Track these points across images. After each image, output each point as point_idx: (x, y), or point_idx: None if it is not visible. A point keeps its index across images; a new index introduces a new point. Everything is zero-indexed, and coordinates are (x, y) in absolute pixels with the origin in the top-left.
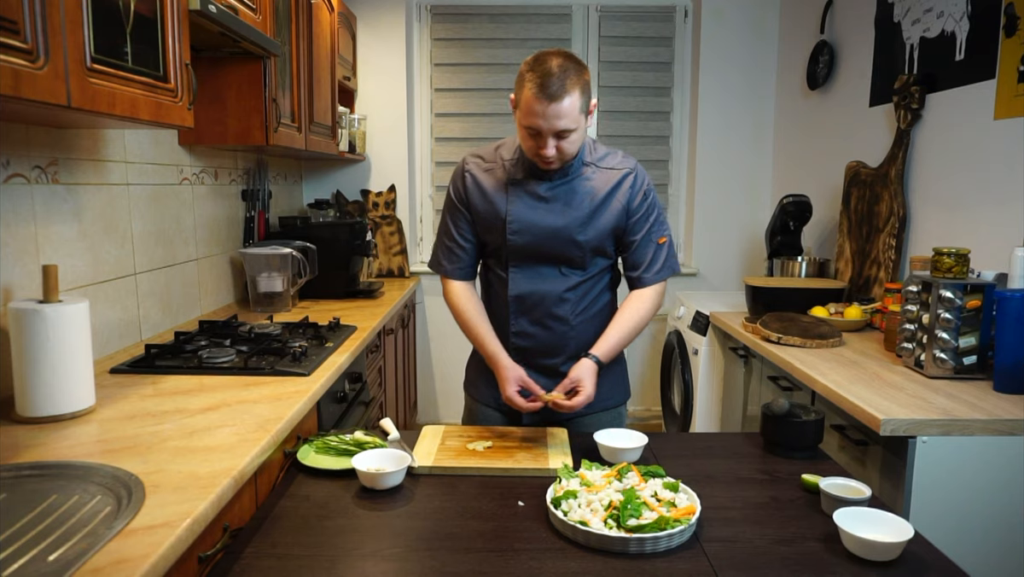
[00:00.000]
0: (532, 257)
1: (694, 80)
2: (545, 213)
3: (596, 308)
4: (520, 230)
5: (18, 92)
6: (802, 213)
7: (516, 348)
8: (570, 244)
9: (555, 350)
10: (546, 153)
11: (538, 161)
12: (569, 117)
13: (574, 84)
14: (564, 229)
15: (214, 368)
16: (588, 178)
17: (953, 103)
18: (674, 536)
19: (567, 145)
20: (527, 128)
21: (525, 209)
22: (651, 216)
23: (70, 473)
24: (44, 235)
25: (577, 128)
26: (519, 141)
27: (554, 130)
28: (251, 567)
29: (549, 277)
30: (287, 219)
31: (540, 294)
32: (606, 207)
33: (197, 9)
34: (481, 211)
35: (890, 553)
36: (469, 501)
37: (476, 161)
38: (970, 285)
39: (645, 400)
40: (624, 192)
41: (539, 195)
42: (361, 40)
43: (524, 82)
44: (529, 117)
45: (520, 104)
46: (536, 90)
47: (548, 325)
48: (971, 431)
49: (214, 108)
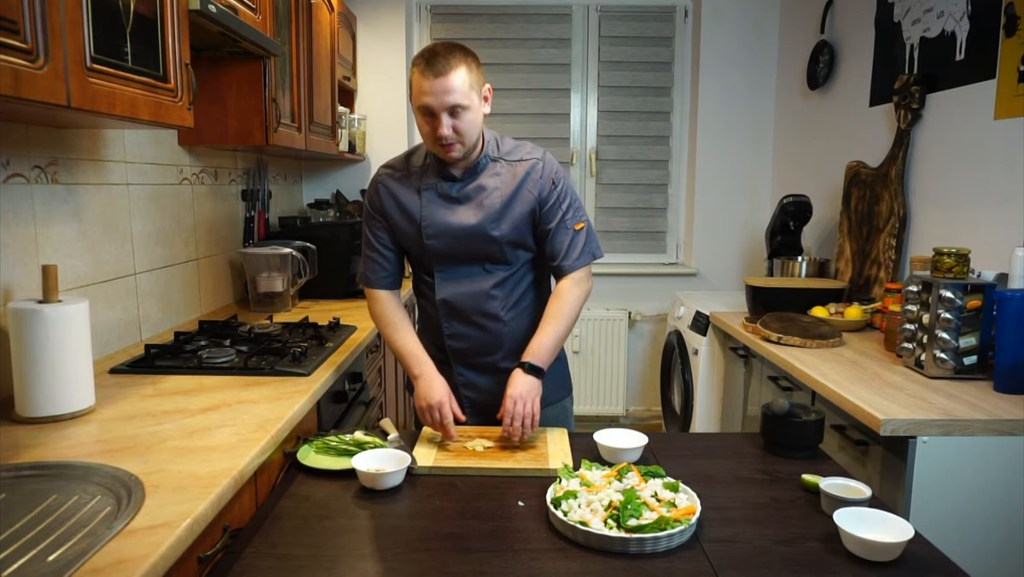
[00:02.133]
0: (453, 258)
1: (694, 80)
2: (458, 213)
3: (527, 302)
4: (436, 233)
5: (18, 92)
6: (802, 213)
7: (452, 350)
8: (487, 241)
9: (491, 348)
10: (443, 132)
11: (439, 151)
12: (459, 92)
13: (459, 61)
14: (478, 227)
15: (214, 368)
16: (497, 173)
17: (953, 103)
18: (674, 536)
19: (463, 125)
20: (420, 110)
21: (438, 211)
22: (563, 203)
23: (70, 473)
24: (44, 235)
25: (470, 106)
26: (423, 140)
27: (445, 106)
28: (251, 567)
29: (474, 276)
30: (287, 219)
31: (468, 294)
32: (517, 199)
33: (197, 9)
34: (397, 220)
35: (890, 553)
36: (469, 501)
37: (387, 172)
38: (970, 285)
39: (645, 400)
40: (534, 182)
41: (450, 196)
42: (361, 40)
43: (413, 70)
44: (419, 97)
45: (412, 90)
46: (422, 68)
47: (480, 324)
48: (971, 431)
49: (214, 108)
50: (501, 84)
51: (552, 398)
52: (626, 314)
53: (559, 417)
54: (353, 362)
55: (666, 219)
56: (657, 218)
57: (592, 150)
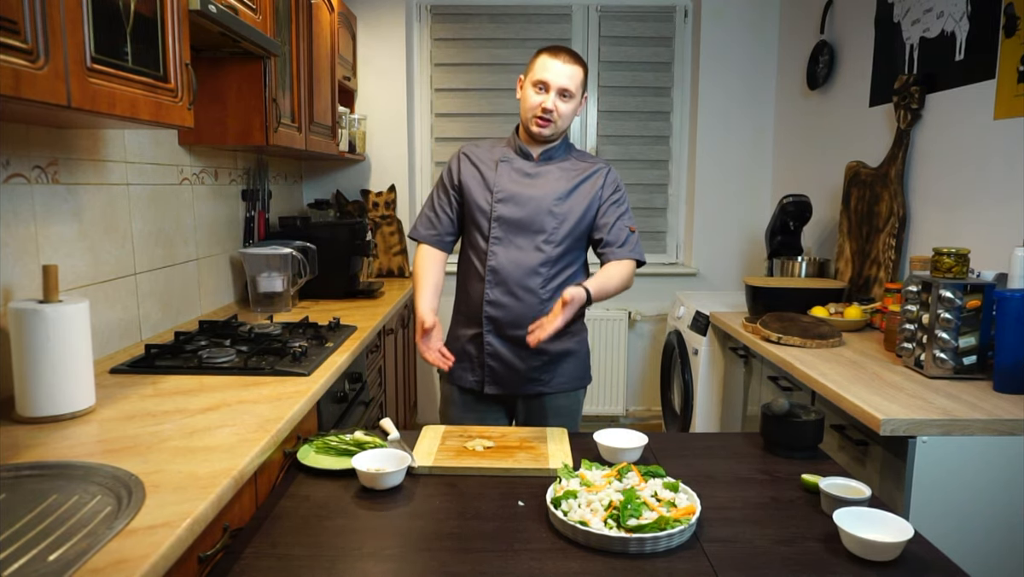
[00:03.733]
0: (513, 227)
1: (694, 80)
2: (528, 185)
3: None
4: (505, 199)
5: (18, 92)
6: (802, 213)
7: (488, 317)
8: (547, 214)
9: (523, 321)
10: (548, 105)
11: (535, 123)
12: (573, 81)
13: (580, 63)
14: (543, 198)
15: (214, 368)
16: (568, 164)
17: (953, 103)
18: (674, 536)
19: (564, 108)
20: (536, 84)
21: (511, 182)
22: (623, 204)
23: (70, 473)
24: (44, 235)
25: (575, 97)
26: (520, 114)
27: (560, 86)
28: (251, 567)
29: (526, 249)
30: (287, 219)
31: (516, 264)
32: (580, 189)
33: (197, 9)
34: (471, 187)
35: (890, 553)
36: (469, 501)
37: (472, 146)
38: (970, 285)
39: (645, 400)
40: (598, 180)
41: (525, 171)
42: (361, 40)
43: (539, 55)
44: (541, 72)
45: (532, 69)
46: (552, 53)
47: (519, 296)
48: (971, 431)
49: (214, 108)
50: (501, 84)
51: (572, 386)
52: (626, 314)
53: (572, 407)
54: (353, 362)
55: (666, 219)
56: (657, 218)
57: (592, 150)
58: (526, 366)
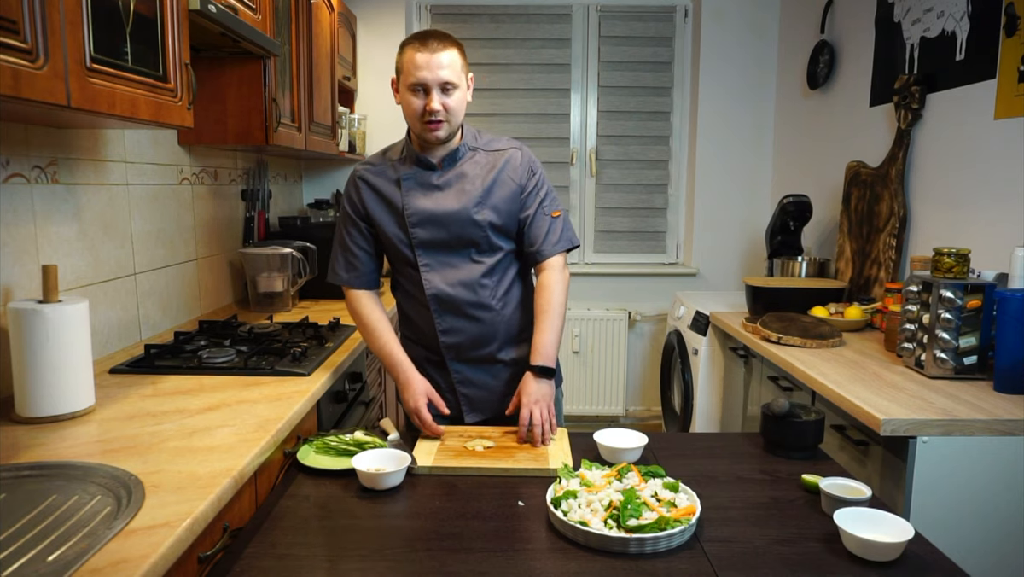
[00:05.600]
0: (439, 247)
1: (694, 80)
2: (440, 199)
3: (516, 291)
4: (420, 221)
5: (18, 92)
6: (802, 213)
7: (447, 346)
8: (470, 225)
9: (486, 340)
10: (433, 106)
11: (425, 129)
12: (451, 69)
13: (451, 43)
14: (462, 211)
15: (214, 368)
16: (476, 161)
17: (953, 103)
18: (674, 536)
19: (452, 103)
20: (412, 86)
21: (421, 199)
22: (540, 190)
23: (70, 473)
24: (44, 235)
25: (459, 86)
26: (407, 121)
27: (439, 81)
28: (251, 567)
29: (461, 266)
30: (287, 219)
31: (460, 284)
32: (497, 184)
33: (197, 9)
34: (379, 215)
35: (890, 553)
36: (469, 501)
37: (366, 168)
38: (970, 285)
39: (645, 400)
40: (513, 169)
41: (431, 184)
42: (361, 40)
43: (404, 50)
44: (413, 72)
45: (403, 68)
46: (417, 46)
47: (474, 316)
48: (971, 431)
49: (214, 108)
50: (501, 84)
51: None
52: (626, 314)
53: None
54: (353, 362)
55: (666, 219)
56: (657, 218)
57: (592, 150)
58: (500, 382)
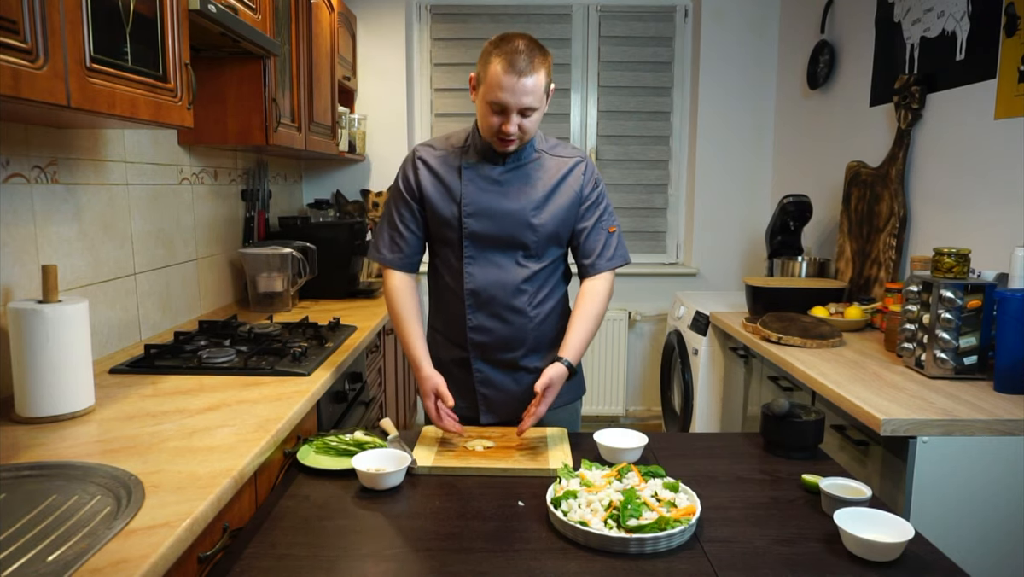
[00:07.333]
0: (488, 244)
1: (694, 80)
2: (500, 196)
3: (553, 301)
4: (475, 212)
5: (18, 92)
6: (802, 213)
7: (474, 344)
8: (526, 228)
9: (513, 344)
10: (509, 129)
11: (496, 142)
12: (534, 95)
13: (540, 63)
14: (520, 212)
15: (214, 368)
16: (540, 164)
17: (953, 103)
18: (674, 536)
19: (528, 124)
20: (492, 104)
21: (479, 192)
22: (600, 204)
23: (70, 473)
24: (44, 235)
25: (539, 108)
26: (477, 121)
27: (521, 106)
28: (251, 567)
29: (505, 267)
30: (287, 219)
31: (498, 285)
32: (559, 192)
33: (197, 9)
34: (434, 198)
35: (890, 553)
36: (469, 501)
37: (427, 149)
38: (970, 285)
39: (645, 400)
40: (576, 178)
41: (493, 178)
42: (361, 40)
43: (491, 59)
44: (496, 92)
45: (486, 80)
46: (505, 66)
47: (506, 318)
48: (972, 431)
49: (214, 108)
50: None
51: (569, 398)
52: (626, 314)
53: (570, 418)
54: (353, 362)
55: (666, 219)
56: (657, 218)
57: (592, 150)
58: (520, 388)
